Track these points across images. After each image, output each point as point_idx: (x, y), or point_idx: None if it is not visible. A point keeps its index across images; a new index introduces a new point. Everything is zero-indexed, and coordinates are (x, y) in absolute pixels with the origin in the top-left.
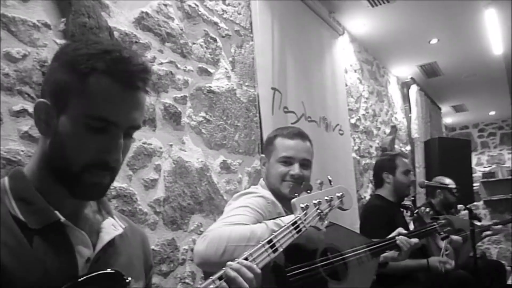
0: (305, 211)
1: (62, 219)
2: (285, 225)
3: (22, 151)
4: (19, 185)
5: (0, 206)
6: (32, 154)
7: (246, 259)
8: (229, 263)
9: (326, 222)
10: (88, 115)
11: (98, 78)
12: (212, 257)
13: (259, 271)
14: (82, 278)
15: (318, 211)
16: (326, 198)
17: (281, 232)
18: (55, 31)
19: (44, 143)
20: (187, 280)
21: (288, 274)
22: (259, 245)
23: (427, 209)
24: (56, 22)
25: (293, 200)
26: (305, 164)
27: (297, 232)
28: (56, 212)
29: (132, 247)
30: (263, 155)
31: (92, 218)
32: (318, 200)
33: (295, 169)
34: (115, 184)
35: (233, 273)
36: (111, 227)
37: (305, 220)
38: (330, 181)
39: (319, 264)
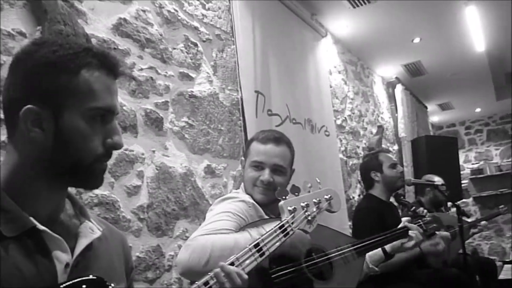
0: (292, 214)
1: (38, 225)
2: (272, 229)
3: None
4: None
5: None
6: (2, 161)
7: (232, 263)
8: (217, 270)
9: (314, 225)
10: (92, 108)
11: (90, 73)
12: (195, 267)
13: (246, 277)
14: (63, 285)
15: (306, 213)
16: (314, 200)
17: (268, 236)
18: (31, 39)
19: (26, 149)
20: (173, 287)
21: (272, 276)
22: (246, 249)
23: (425, 210)
24: (32, 30)
25: (281, 202)
26: (278, 169)
27: (284, 236)
28: (31, 218)
29: (112, 249)
30: (242, 158)
31: (69, 222)
32: (306, 203)
33: (265, 174)
34: (97, 191)
35: (222, 279)
36: (89, 231)
37: (292, 223)
38: (318, 183)
39: (304, 265)
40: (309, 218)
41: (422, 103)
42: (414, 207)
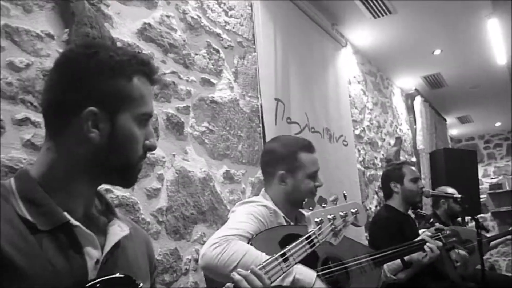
0: (319, 226)
1: (72, 220)
2: (299, 240)
3: (24, 159)
4: (27, 186)
5: (7, 207)
6: (38, 158)
7: None
8: (238, 269)
9: (340, 238)
10: (143, 113)
11: (141, 80)
12: (220, 268)
13: (268, 282)
14: (94, 281)
15: (333, 226)
16: (341, 213)
17: (295, 246)
18: (58, 41)
19: (75, 147)
20: None
21: None
22: (272, 257)
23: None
24: (59, 32)
25: (308, 214)
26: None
27: (311, 247)
28: (65, 213)
29: (137, 248)
30: (282, 172)
31: (98, 218)
32: (333, 215)
33: (320, 180)
34: (118, 192)
35: (237, 277)
36: (118, 228)
37: (319, 235)
38: (345, 196)
39: (320, 273)
40: (335, 231)
41: (441, 115)
42: (432, 220)
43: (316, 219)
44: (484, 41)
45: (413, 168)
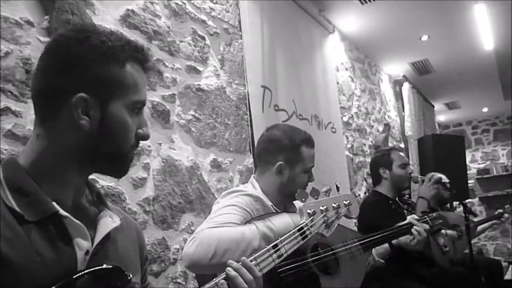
0: (311, 217)
1: (60, 210)
2: (291, 231)
3: (5, 149)
4: (14, 175)
5: None
6: (27, 145)
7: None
8: (230, 261)
9: (332, 229)
10: (135, 101)
11: (134, 67)
12: (201, 260)
13: (259, 274)
14: (83, 272)
15: (325, 218)
16: (333, 205)
17: (287, 237)
18: (38, 28)
19: (72, 135)
20: (179, 280)
21: (278, 270)
22: (264, 249)
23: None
24: (39, 19)
25: (300, 205)
26: None
27: (303, 238)
28: (54, 203)
29: (129, 239)
30: (281, 163)
31: (89, 209)
32: (325, 207)
33: (313, 176)
34: (103, 182)
35: (233, 273)
36: (109, 219)
37: (311, 226)
38: (337, 187)
39: (310, 259)
40: (328, 222)
41: (429, 101)
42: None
43: (309, 211)
44: (471, 27)
45: (402, 153)
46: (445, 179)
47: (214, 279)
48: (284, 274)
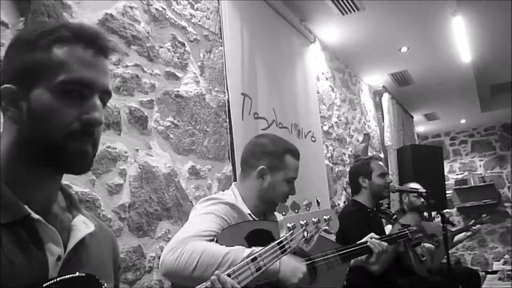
0: (291, 231)
1: (33, 214)
2: (270, 244)
3: None
4: None
5: None
6: None
7: (228, 275)
8: (214, 278)
9: (311, 244)
10: (63, 81)
11: (63, 47)
12: (181, 272)
13: (237, 287)
14: (54, 280)
15: (305, 232)
16: (313, 219)
17: (266, 251)
18: (13, 30)
19: (11, 131)
20: None
21: (257, 283)
22: (243, 262)
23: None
24: (14, 21)
25: (281, 218)
26: None
27: (282, 252)
28: (26, 206)
29: (102, 246)
30: (263, 167)
31: (61, 215)
32: (305, 221)
33: (294, 189)
34: (77, 188)
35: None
36: (82, 225)
37: (291, 240)
38: (318, 202)
39: None
40: (307, 237)
41: (408, 112)
42: (395, 216)
43: (289, 225)
44: (449, 39)
45: (381, 163)
46: (421, 189)
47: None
48: (261, 282)
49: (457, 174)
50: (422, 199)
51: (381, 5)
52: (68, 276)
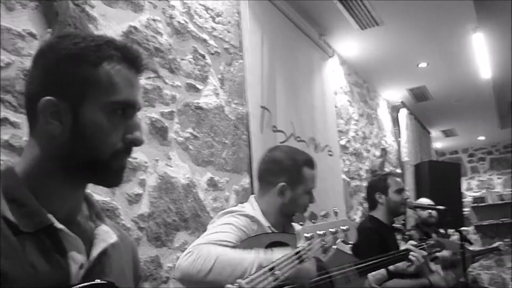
0: (309, 241)
1: (56, 223)
2: (288, 254)
3: (2, 160)
4: (11, 185)
5: None
6: (22, 156)
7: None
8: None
9: (329, 254)
10: (112, 102)
11: (111, 66)
12: (195, 275)
13: None
14: (76, 286)
15: (323, 242)
16: (331, 230)
17: (283, 261)
18: (41, 41)
19: (46, 143)
20: None
21: None
22: (261, 271)
23: (414, 233)
24: (42, 32)
25: (298, 228)
26: None
27: (300, 262)
28: (50, 215)
29: (124, 256)
30: (284, 184)
31: (85, 224)
32: (323, 232)
33: (314, 197)
34: (97, 197)
35: None
36: (106, 235)
37: (309, 250)
38: (336, 213)
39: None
40: (325, 247)
41: (426, 128)
42: (408, 232)
43: (306, 235)
44: (469, 55)
45: (398, 179)
46: (436, 205)
47: None
48: None
49: (475, 192)
50: (433, 216)
51: (400, 21)
52: (89, 282)
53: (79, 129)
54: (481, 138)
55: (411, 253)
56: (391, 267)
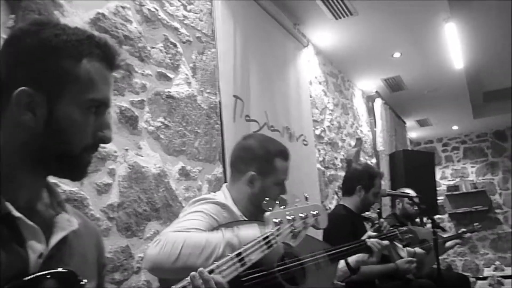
0: (278, 227)
1: (13, 211)
2: (256, 239)
3: None
4: None
5: None
6: None
7: (212, 270)
8: (194, 274)
9: (299, 240)
10: (90, 99)
11: (91, 63)
12: (164, 263)
13: (227, 286)
14: (33, 276)
15: (292, 227)
16: (301, 215)
17: (251, 246)
18: (3, 27)
19: (17, 133)
20: None
21: (243, 279)
22: (228, 257)
23: (385, 223)
24: (4, 18)
25: (267, 214)
26: None
27: (268, 248)
28: (7, 204)
29: (86, 244)
30: (253, 173)
31: (45, 212)
32: (292, 217)
33: (286, 189)
34: (65, 187)
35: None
36: (66, 222)
37: (277, 235)
38: (306, 198)
39: (276, 269)
40: (295, 232)
41: (401, 118)
42: (377, 222)
43: (275, 220)
44: (442, 45)
45: (381, 181)
46: (413, 194)
47: (173, 286)
48: (249, 284)
49: (449, 180)
50: (416, 207)
51: (374, 10)
52: (48, 271)
53: (54, 123)
54: (455, 127)
55: (367, 240)
56: (350, 262)
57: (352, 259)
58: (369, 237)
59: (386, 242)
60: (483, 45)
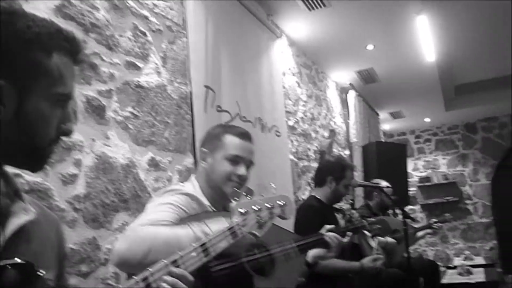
0: (244, 217)
1: None
2: (221, 230)
3: None
4: None
5: None
6: None
7: (175, 261)
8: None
9: (265, 230)
10: (59, 93)
11: (61, 58)
12: (132, 259)
13: (192, 278)
14: None
15: (258, 218)
16: (267, 205)
17: (216, 237)
18: None
19: None
20: (109, 281)
21: (211, 269)
22: (192, 248)
23: (356, 214)
24: None
25: (233, 204)
26: (250, 166)
27: (233, 238)
28: None
29: (45, 233)
30: (204, 149)
31: (0, 201)
32: (258, 207)
33: (242, 170)
34: (28, 178)
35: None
36: (22, 211)
37: (243, 226)
38: (273, 188)
39: (244, 259)
40: (261, 222)
41: (374, 110)
42: (348, 213)
43: (241, 210)
44: (414, 38)
45: (353, 173)
46: (384, 185)
47: (134, 277)
48: (218, 275)
49: (421, 172)
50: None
51: (347, 2)
52: (3, 262)
53: (22, 115)
54: (427, 120)
55: (325, 234)
56: (308, 258)
57: (309, 254)
58: (328, 231)
59: (344, 239)
60: (455, 38)
